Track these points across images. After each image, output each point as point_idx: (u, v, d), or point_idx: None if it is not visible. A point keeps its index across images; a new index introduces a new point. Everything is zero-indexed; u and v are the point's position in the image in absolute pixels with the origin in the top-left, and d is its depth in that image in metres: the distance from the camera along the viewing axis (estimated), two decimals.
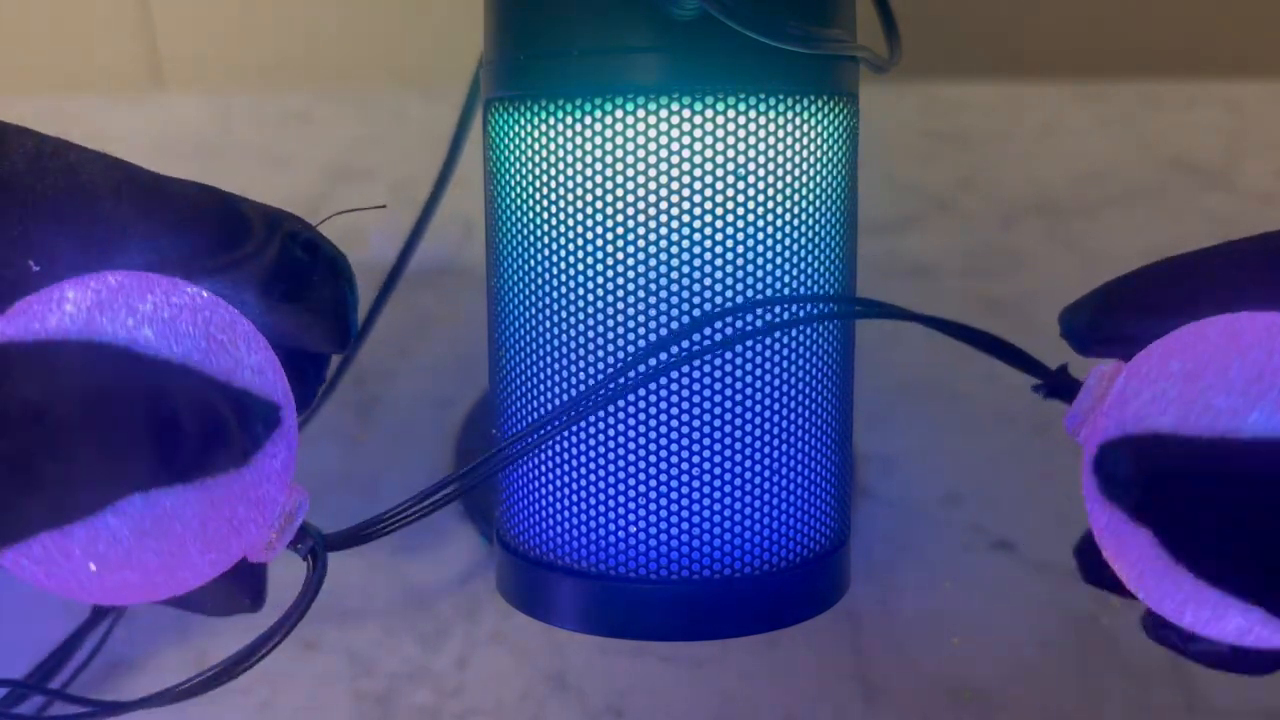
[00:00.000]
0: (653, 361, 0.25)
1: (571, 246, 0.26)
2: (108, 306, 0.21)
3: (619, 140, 0.25)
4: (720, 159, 0.25)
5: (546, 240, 0.26)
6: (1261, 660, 0.23)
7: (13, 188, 0.22)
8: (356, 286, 0.25)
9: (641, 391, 0.26)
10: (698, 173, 0.25)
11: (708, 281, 0.25)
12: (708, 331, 0.25)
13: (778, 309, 0.26)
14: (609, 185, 0.25)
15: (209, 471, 0.21)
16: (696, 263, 0.25)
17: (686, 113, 0.25)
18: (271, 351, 0.23)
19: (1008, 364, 0.25)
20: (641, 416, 0.26)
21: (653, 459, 0.26)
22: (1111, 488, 0.21)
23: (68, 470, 0.20)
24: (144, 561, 0.21)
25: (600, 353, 0.26)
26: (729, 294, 0.25)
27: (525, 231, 0.27)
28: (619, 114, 0.25)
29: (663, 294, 0.25)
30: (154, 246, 0.23)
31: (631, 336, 0.26)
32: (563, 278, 0.26)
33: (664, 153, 0.25)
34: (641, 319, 0.25)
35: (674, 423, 0.26)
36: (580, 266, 0.26)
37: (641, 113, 0.25)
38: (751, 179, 0.25)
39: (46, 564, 0.21)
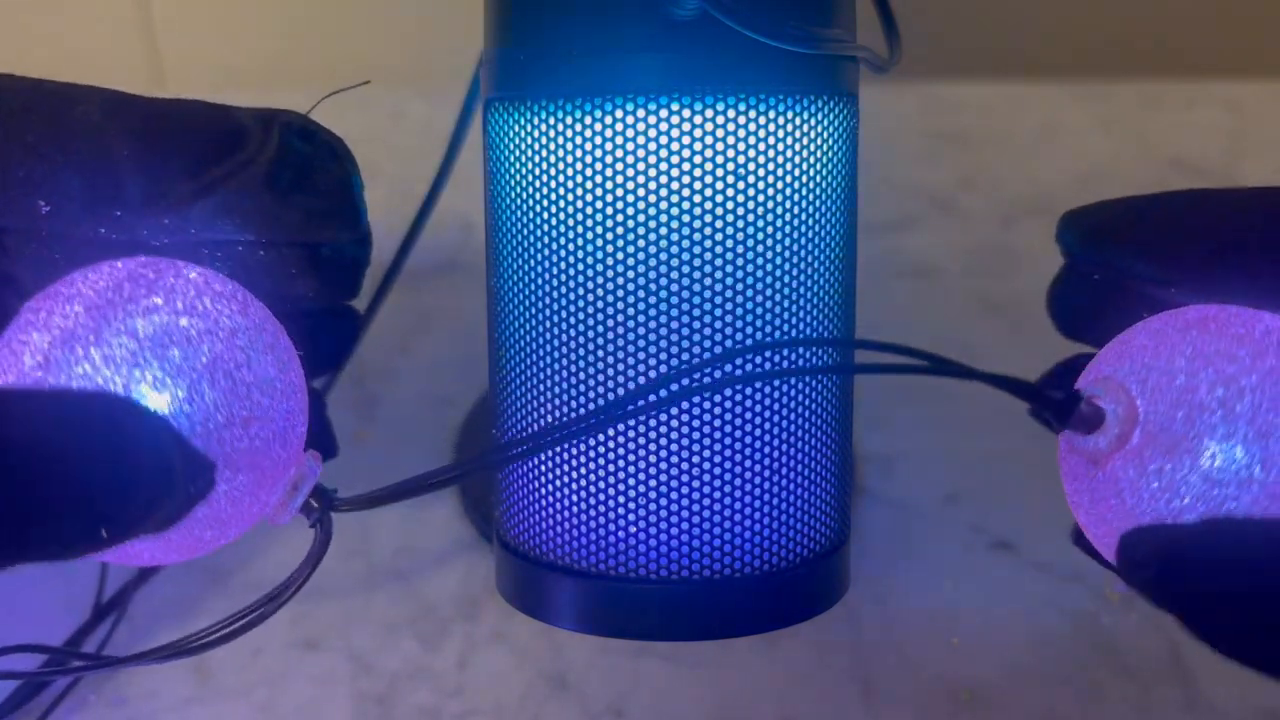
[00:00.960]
0: (653, 395, 0.25)
1: (571, 246, 0.26)
2: (76, 334, 0.21)
3: (619, 140, 0.25)
4: (720, 159, 0.25)
5: (546, 240, 0.26)
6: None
7: (10, 130, 0.23)
8: (358, 167, 0.25)
9: (652, 397, 0.26)
10: (698, 173, 0.25)
11: (707, 282, 0.25)
12: (712, 364, 0.25)
13: (785, 352, 0.26)
14: (609, 185, 0.25)
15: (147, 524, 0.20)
16: (696, 263, 0.25)
17: (686, 113, 0.25)
18: (282, 343, 0.23)
19: (1016, 396, 0.24)
20: (641, 416, 0.26)
21: (653, 459, 0.26)
22: (1135, 572, 0.21)
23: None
24: (151, 554, 0.22)
25: (600, 353, 0.26)
26: (729, 294, 0.25)
27: (525, 231, 0.27)
28: (619, 114, 0.25)
29: (662, 294, 0.25)
30: (155, 168, 0.23)
31: (631, 336, 0.26)
32: (562, 278, 0.26)
33: (664, 153, 0.25)
34: (641, 319, 0.25)
35: (674, 423, 0.26)
36: (580, 266, 0.26)
37: (641, 113, 0.25)
38: (751, 179, 0.25)
39: None
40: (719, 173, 0.25)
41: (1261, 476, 0.20)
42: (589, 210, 0.26)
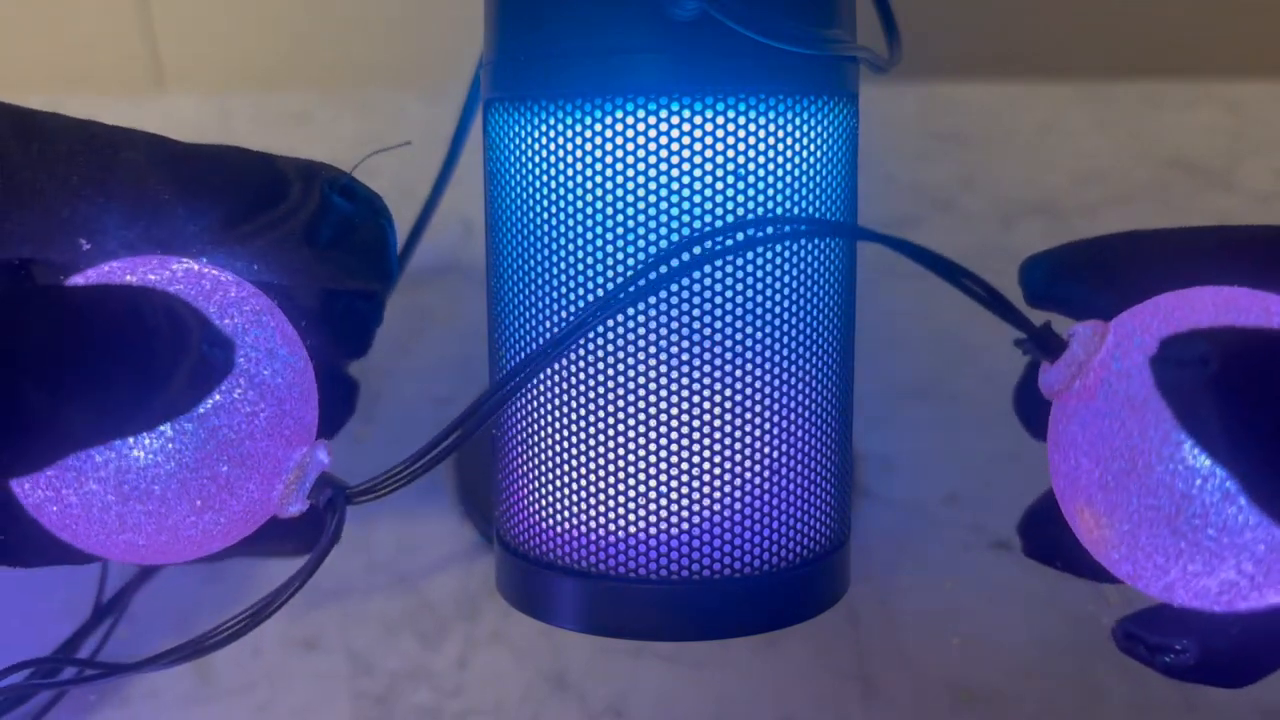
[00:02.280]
0: (641, 282, 0.24)
1: (571, 247, 0.26)
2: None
3: (619, 140, 0.25)
4: (720, 159, 0.25)
5: (546, 240, 0.26)
6: (1224, 670, 0.23)
7: (58, 171, 0.23)
8: (394, 223, 0.26)
9: (641, 391, 0.26)
10: (698, 173, 0.25)
11: (707, 282, 0.25)
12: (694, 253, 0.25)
13: (757, 230, 0.25)
14: (609, 185, 0.25)
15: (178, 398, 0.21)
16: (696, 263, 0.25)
17: (686, 113, 0.25)
18: (285, 327, 0.24)
19: (994, 313, 0.24)
20: (642, 416, 0.26)
21: (653, 459, 0.26)
22: (1180, 370, 0.20)
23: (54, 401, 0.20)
24: (138, 524, 0.22)
25: (600, 353, 0.26)
26: (728, 294, 0.25)
27: (525, 232, 0.27)
28: (619, 114, 0.25)
29: (662, 294, 0.25)
30: (197, 215, 0.24)
31: (631, 337, 0.26)
32: (562, 278, 0.26)
33: (664, 153, 0.25)
34: (641, 319, 0.25)
35: (674, 422, 0.26)
36: (580, 267, 0.26)
37: (641, 113, 0.25)
38: (751, 179, 0.25)
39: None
40: (719, 173, 0.25)
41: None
42: (589, 210, 0.26)
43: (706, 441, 0.26)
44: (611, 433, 0.26)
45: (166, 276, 0.23)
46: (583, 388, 0.26)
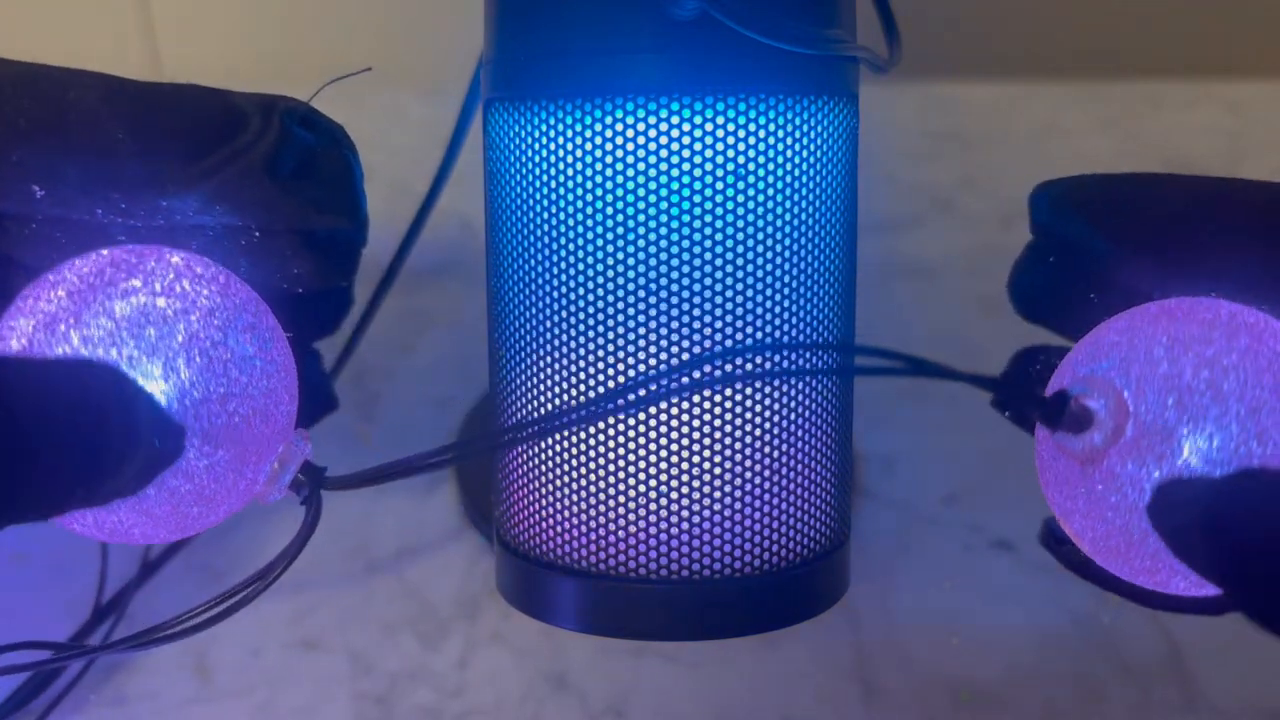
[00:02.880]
0: (653, 387, 0.25)
1: (571, 246, 0.26)
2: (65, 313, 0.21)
3: (619, 140, 0.25)
4: (720, 159, 0.25)
5: (546, 240, 0.26)
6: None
7: (4, 114, 0.22)
8: (358, 155, 0.25)
9: (642, 391, 0.25)
10: (698, 173, 0.25)
11: (707, 282, 0.25)
12: (711, 362, 0.25)
13: (783, 354, 0.26)
14: (609, 185, 0.25)
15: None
16: (696, 263, 0.25)
17: (686, 113, 0.25)
18: (265, 323, 0.23)
19: (985, 387, 0.23)
20: (642, 417, 0.26)
21: (653, 459, 0.26)
22: (1175, 513, 0.21)
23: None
24: (141, 531, 0.22)
25: (600, 353, 0.26)
26: (729, 294, 0.25)
27: (525, 231, 0.27)
28: (619, 114, 0.25)
29: (662, 294, 0.25)
30: (153, 153, 0.23)
31: (631, 337, 0.26)
32: (563, 278, 0.26)
33: (664, 153, 0.25)
34: (641, 319, 0.25)
35: (674, 423, 0.26)
36: (580, 267, 0.26)
37: (641, 113, 0.25)
38: (751, 179, 0.25)
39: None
40: (719, 173, 0.25)
41: (1260, 451, 0.21)
42: (589, 210, 0.26)
43: (707, 441, 0.26)
44: (612, 433, 0.26)
45: (151, 267, 0.22)
46: (583, 388, 0.26)
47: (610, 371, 0.26)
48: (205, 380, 0.22)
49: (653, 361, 0.25)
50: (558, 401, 0.26)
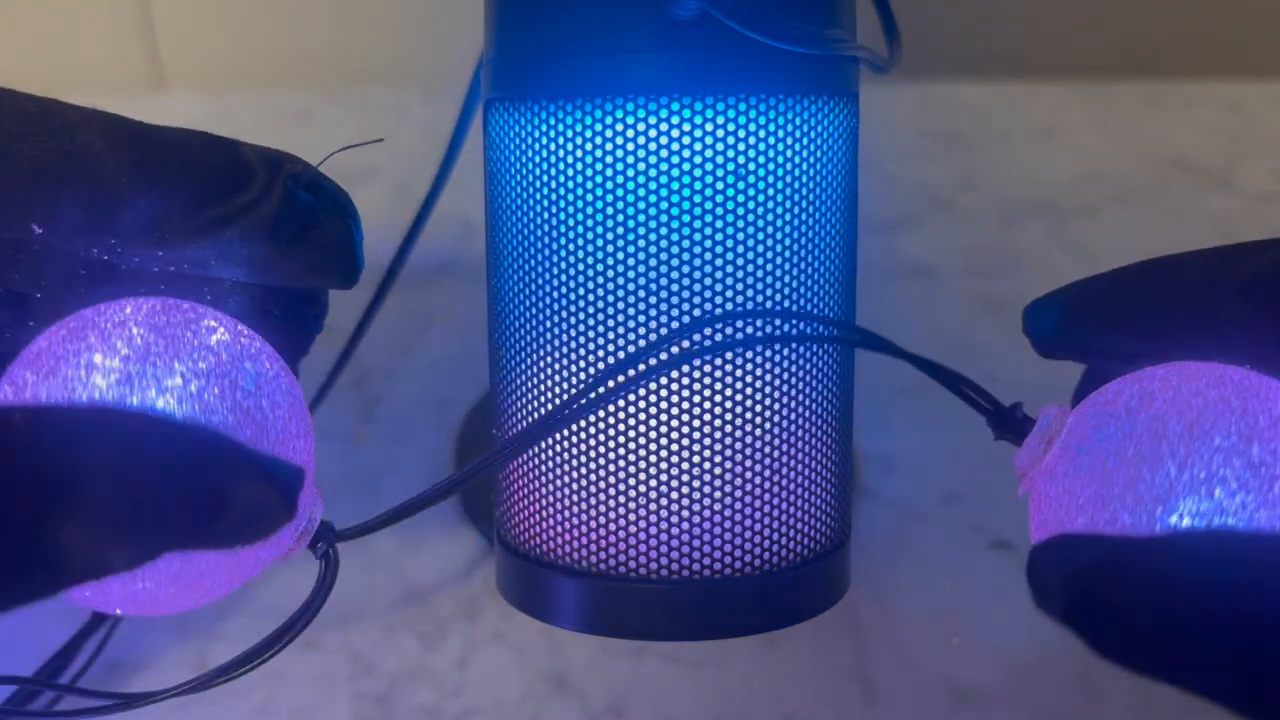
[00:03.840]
0: (652, 360, 0.25)
1: (571, 246, 0.26)
2: (136, 383, 0.21)
3: (619, 140, 0.25)
4: (720, 159, 0.25)
5: (546, 240, 0.26)
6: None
7: (8, 151, 0.22)
8: (360, 221, 0.25)
9: (641, 391, 0.26)
10: (698, 173, 0.25)
11: (708, 282, 0.25)
12: (705, 332, 0.25)
13: (777, 322, 0.25)
14: (609, 185, 0.25)
15: (249, 541, 0.20)
16: (696, 263, 0.25)
17: (686, 113, 0.25)
18: (294, 388, 0.23)
19: (965, 400, 0.24)
20: (641, 416, 0.26)
21: (652, 459, 0.26)
22: (1041, 598, 0.20)
23: (96, 533, 0.19)
24: (168, 598, 0.22)
25: (600, 353, 0.26)
26: (729, 294, 0.25)
27: (525, 231, 0.27)
28: (619, 114, 0.25)
29: (662, 294, 0.25)
30: (155, 202, 0.23)
31: (631, 337, 0.26)
32: (563, 278, 0.26)
33: (664, 153, 0.25)
34: (641, 319, 0.25)
35: (674, 423, 0.26)
36: (580, 267, 0.26)
37: (641, 113, 0.25)
38: (751, 179, 0.25)
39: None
40: (719, 173, 0.25)
41: (1148, 478, 0.20)
42: (589, 210, 0.26)
43: (707, 441, 0.26)
44: (612, 432, 0.26)
45: (213, 364, 0.22)
46: (583, 387, 0.26)
47: (606, 368, 0.26)
48: (245, 424, 0.22)
49: (653, 361, 0.25)
50: (558, 402, 0.26)
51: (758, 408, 0.26)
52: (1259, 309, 0.22)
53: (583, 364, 0.26)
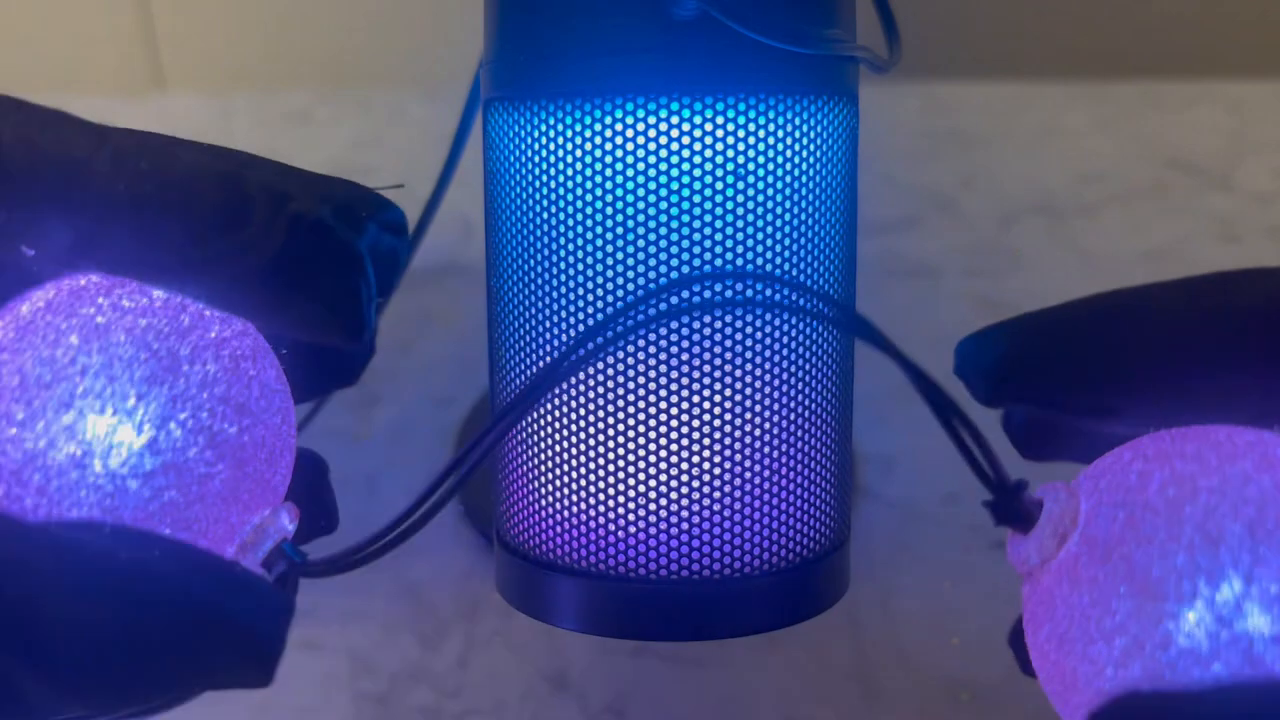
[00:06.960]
0: (630, 320, 0.25)
1: (571, 247, 0.26)
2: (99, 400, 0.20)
3: (619, 140, 0.25)
4: (720, 159, 0.25)
5: (546, 240, 0.26)
6: None
7: (2, 167, 0.21)
8: (371, 276, 0.22)
9: (641, 391, 0.26)
10: (698, 173, 0.25)
11: (707, 282, 0.25)
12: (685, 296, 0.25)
13: (760, 286, 0.25)
14: (609, 185, 0.25)
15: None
16: (696, 263, 0.25)
17: (686, 113, 0.25)
18: (286, 403, 0.23)
19: (965, 458, 0.22)
20: (641, 416, 0.26)
21: (652, 459, 0.26)
22: None
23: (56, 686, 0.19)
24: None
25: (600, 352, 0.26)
26: (728, 294, 0.25)
27: (525, 232, 0.27)
28: (619, 114, 0.25)
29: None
30: (146, 229, 0.21)
31: (631, 336, 0.26)
32: (562, 278, 0.26)
33: (664, 153, 0.25)
34: (641, 319, 0.25)
35: (674, 422, 0.26)
36: (580, 267, 0.26)
37: (641, 113, 0.25)
38: (751, 179, 0.25)
39: None
40: (719, 173, 0.25)
41: (1207, 593, 0.17)
42: (589, 210, 0.26)
43: (706, 441, 0.26)
44: (611, 432, 0.26)
45: (143, 305, 0.21)
46: (582, 387, 0.26)
47: (610, 370, 0.26)
48: (229, 380, 0.21)
49: (652, 361, 0.25)
50: (557, 402, 0.26)
51: (757, 407, 0.26)
52: (1233, 350, 0.20)
53: (582, 363, 0.26)
